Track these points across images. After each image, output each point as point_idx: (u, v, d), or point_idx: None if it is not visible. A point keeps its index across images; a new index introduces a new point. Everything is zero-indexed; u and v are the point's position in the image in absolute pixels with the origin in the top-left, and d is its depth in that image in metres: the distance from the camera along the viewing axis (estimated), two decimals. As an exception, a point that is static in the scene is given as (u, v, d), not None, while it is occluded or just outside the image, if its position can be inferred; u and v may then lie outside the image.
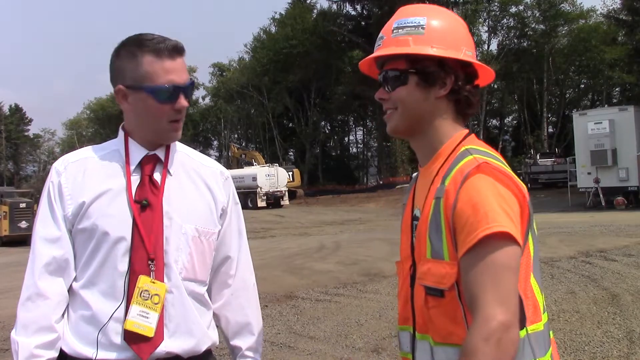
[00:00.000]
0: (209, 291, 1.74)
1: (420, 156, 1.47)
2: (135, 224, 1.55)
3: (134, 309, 1.51)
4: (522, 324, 1.25)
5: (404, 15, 1.43)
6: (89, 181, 1.59)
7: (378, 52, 1.43)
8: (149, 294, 1.53)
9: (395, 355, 5.05)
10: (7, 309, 6.83)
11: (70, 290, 1.58)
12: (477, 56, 1.46)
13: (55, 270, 1.55)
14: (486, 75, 1.47)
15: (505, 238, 1.20)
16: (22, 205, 20.54)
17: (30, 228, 19.77)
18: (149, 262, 1.54)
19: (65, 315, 1.57)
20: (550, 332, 1.37)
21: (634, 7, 31.78)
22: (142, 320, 1.52)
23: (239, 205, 1.83)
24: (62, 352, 1.55)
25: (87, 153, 1.67)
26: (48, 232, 1.57)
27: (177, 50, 1.58)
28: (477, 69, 1.44)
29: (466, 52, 1.40)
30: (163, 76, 1.56)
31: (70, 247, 1.57)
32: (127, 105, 1.61)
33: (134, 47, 1.57)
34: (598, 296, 6.82)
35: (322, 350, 5.27)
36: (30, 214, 19.92)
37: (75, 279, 1.58)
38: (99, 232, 1.54)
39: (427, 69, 1.38)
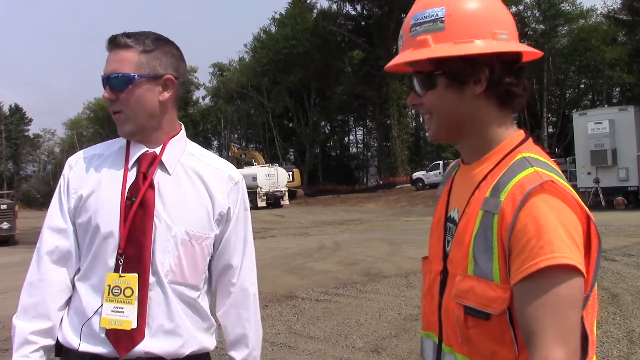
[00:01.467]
0: (215, 297, 1.72)
1: (465, 154, 1.31)
2: (121, 221, 1.56)
3: (106, 307, 1.53)
4: None
5: (421, 7, 1.23)
6: (90, 177, 1.62)
7: (397, 57, 1.26)
8: (120, 289, 1.53)
9: (396, 355, 5.05)
10: (8, 309, 6.82)
11: (72, 281, 1.61)
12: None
13: (59, 260, 1.59)
14: (529, 52, 1.27)
15: (570, 270, 1.07)
16: (3, 207, 20.58)
17: (12, 229, 19.90)
18: (119, 257, 1.54)
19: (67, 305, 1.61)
20: (594, 358, 1.24)
21: (634, 7, 31.80)
22: (118, 316, 1.52)
23: (249, 212, 1.77)
24: (57, 340, 1.58)
25: (98, 149, 1.70)
26: (55, 222, 1.61)
27: (113, 42, 1.58)
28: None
29: (499, 36, 1.20)
30: (104, 68, 1.61)
31: (74, 239, 1.61)
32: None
33: None
34: (598, 296, 6.81)
35: (322, 350, 5.27)
36: (11, 215, 20.08)
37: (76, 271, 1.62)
38: (92, 227, 1.57)
39: (454, 69, 1.20)
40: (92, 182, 1.61)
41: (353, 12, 46.32)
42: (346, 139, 60.19)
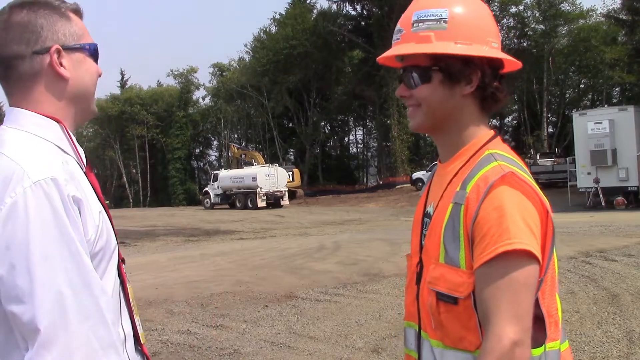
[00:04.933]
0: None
1: (442, 152, 1.41)
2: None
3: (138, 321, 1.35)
4: (542, 342, 1.24)
5: (424, 6, 1.32)
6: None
7: (398, 47, 1.34)
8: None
9: (395, 355, 5.05)
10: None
11: None
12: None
13: None
14: (511, 64, 1.39)
15: (525, 256, 1.17)
16: None
17: None
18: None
19: None
20: (566, 343, 1.36)
21: (634, 7, 31.75)
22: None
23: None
24: None
25: (53, 156, 1.21)
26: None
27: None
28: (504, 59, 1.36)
29: (492, 44, 1.32)
30: (89, 36, 1.34)
31: None
32: (62, 74, 1.26)
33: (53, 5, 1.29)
34: (598, 296, 6.82)
35: (322, 350, 5.27)
36: None
37: None
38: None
39: (451, 67, 1.30)
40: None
41: (353, 12, 46.33)
42: (346, 139, 60.20)
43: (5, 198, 1.10)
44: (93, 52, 1.33)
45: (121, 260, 1.33)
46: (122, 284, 1.31)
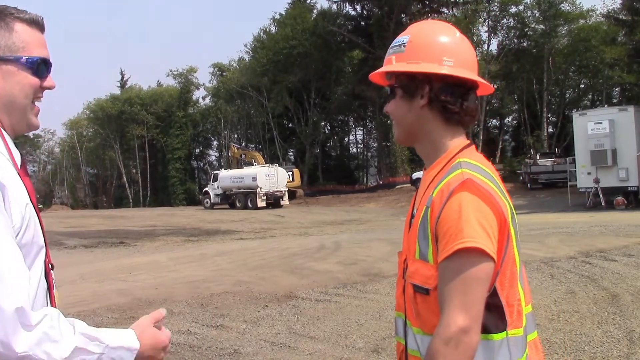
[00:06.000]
0: None
1: (424, 160, 1.58)
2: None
3: None
4: (502, 328, 1.39)
5: (398, 35, 1.57)
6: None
7: (371, 74, 1.60)
8: None
9: (395, 355, 5.05)
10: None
11: None
12: (477, 57, 1.53)
13: None
14: (483, 87, 1.55)
15: (478, 253, 1.32)
16: None
17: None
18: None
19: None
20: (534, 333, 1.50)
21: (634, 7, 31.77)
22: None
23: None
24: None
25: None
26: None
27: (43, 25, 1.41)
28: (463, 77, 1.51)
29: (446, 63, 1.47)
30: (40, 48, 1.37)
31: None
32: None
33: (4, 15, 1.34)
34: (598, 296, 6.82)
35: (322, 350, 5.27)
36: None
37: None
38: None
39: (402, 83, 1.51)
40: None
41: (353, 13, 46.30)
42: (346, 139, 60.20)
43: None
44: (30, 65, 1.34)
45: (50, 265, 1.35)
46: (49, 289, 1.33)
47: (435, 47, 1.49)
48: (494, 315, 1.38)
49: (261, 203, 34.17)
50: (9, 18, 1.33)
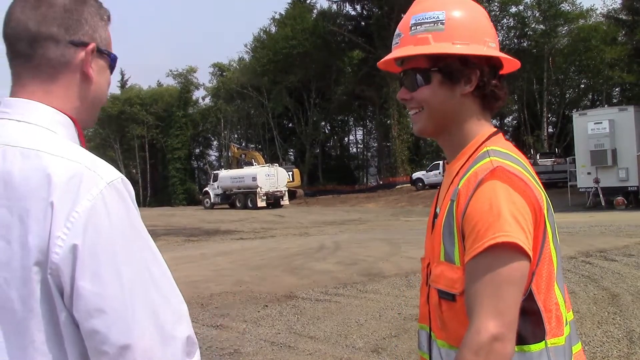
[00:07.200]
0: None
1: (447, 153, 1.42)
2: None
3: None
4: (541, 337, 1.22)
5: (421, 10, 1.35)
6: None
7: (397, 51, 1.36)
8: None
9: (396, 355, 5.05)
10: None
11: None
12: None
13: None
14: (510, 64, 1.40)
15: (512, 249, 1.15)
16: None
17: None
18: None
19: None
20: (578, 345, 1.32)
21: (634, 7, 31.79)
22: None
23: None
24: None
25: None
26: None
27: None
28: (502, 59, 1.38)
29: (489, 44, 1.34)
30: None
31: None
32: (90, 75, 1.16)
33: (97, 4, 1.22)
34: (598, 296, 6.82)
35: (322, 350, 5.27)
36: None
37: None
38: None
39: (450, 67, 1.31)
40: None
41: (353, 12, 46.34)
42: (346, 139, 60.18)
43: (80, 202, 0.99)
44: (112, 63, 1.24)
45: None
46: None
47: (479, 26, 1.34)
48: (531, 322, 1.20)
49: (261, 203, 34.17)
50: (103, 10, 1.21)
